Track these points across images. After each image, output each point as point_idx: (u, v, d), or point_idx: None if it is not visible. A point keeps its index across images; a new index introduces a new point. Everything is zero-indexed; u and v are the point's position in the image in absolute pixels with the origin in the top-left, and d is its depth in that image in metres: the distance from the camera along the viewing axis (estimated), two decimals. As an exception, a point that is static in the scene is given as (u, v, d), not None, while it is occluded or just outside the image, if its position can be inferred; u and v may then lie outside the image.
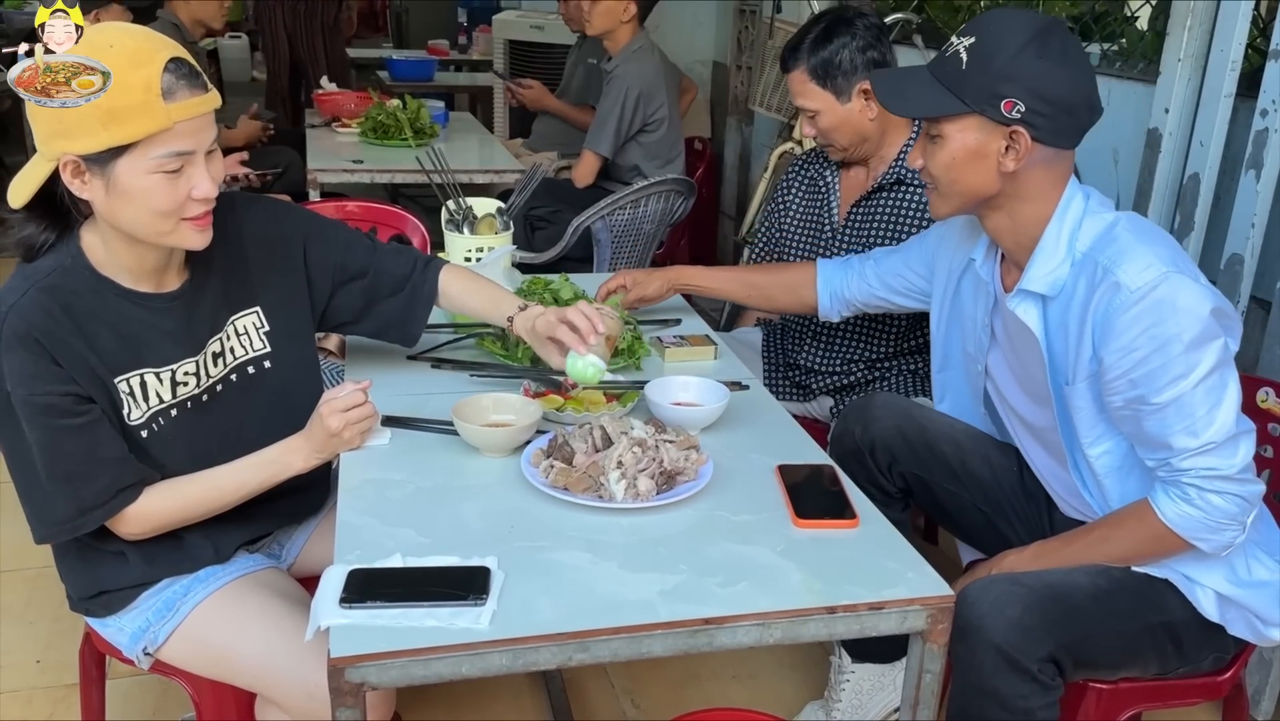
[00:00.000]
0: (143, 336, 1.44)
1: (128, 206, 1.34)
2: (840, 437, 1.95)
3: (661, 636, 1.19)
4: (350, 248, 1.70)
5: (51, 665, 2.28)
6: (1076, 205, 1.55)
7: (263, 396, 1.59)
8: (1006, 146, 1.50)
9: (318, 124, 4.31)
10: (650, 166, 3.74)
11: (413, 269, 1.75)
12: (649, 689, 2.29)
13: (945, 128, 1.52)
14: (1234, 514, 1.48)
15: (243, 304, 1.57)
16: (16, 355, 1.33)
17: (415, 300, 1.74)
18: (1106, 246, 1.50)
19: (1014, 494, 1.85)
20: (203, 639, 1.51)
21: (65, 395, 1.36)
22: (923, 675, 1.30)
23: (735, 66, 5.06)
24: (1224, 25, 2.27)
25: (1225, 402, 1.45)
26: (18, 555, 2.66)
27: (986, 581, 1.55)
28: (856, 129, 2.18)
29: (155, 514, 1.45)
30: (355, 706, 1.12)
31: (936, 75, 1.53)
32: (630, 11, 3.68)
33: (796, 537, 1.37)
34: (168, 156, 1.32)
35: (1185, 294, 1.43)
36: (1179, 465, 1.47)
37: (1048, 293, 1.56)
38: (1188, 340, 1.42)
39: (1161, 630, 1.56)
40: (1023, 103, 1.46)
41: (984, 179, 1.53)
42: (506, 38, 5.74)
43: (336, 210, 2.98)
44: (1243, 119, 2.29)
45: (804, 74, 2.16)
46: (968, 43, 1.49)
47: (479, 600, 1.19)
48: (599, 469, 1.44)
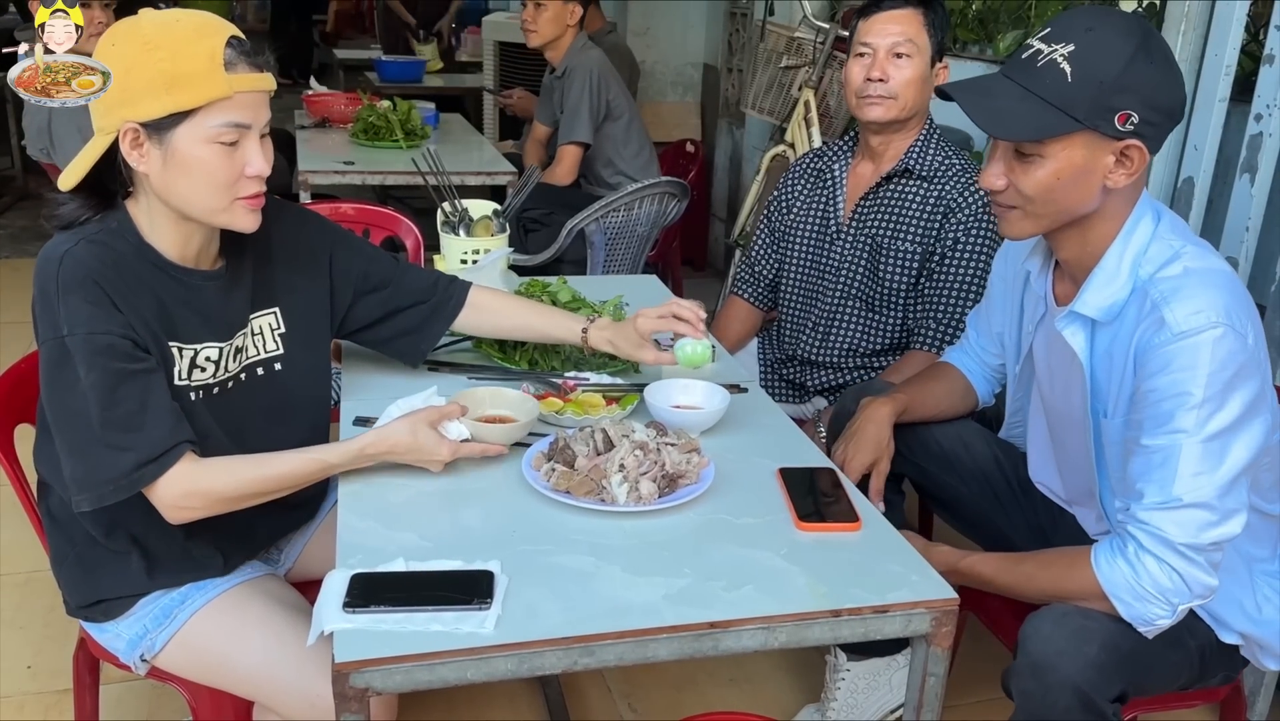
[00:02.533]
0: (175, 310, 1.43)
1: (184, 178, 1.35)
2: (836, 417, 1.95)
3: (667, 640, 1.18)
4: (375, 259, 1.72)
5: (43, 670, 2.26)
6: (1144, 228, 1.46)
7: (266, 398, 1.56)
8: (1115, 162, 1.39)
9: (307, 125, 4.29)
10: (624, 157, 3.79)
11: (435, 284, 1.76)
12: (646, 692, 2.29)
13: (1048, 147, 1.39)
14: (1165, 589, 1.37)
15: (263, 303, 1.56)
16: (74, 297, 1.32)
17: (435, 315, 1.75)
18: (1165, 280, 1.41)
19: (1012, 488, 1.85)
20: (201, 646, 1.50)
21: (124, 338, 1.34)
22: (926, 678, 1.30)
23: (726, 69, 5.07)
24: (1218, 29, 2.28)
25: (1216, 472, 1.35)
26: (8, 560, 2.63)
27: (1058, 615, 1.43)
28: (925, 96, 2.18)
29: (208, 488, 1.38)
30: (360, 712, 1.12)
31: (1032, 89, 1.38)
32: (576, 14, 3.78)
33: (800, 541, 1.37)
34: (226, 126, 1.34)
35: (1225, 347, 1.34)
36: (1135, 514, 1.40)
37: (1099, 318, 1.47)
38: (1205, 396, 1.34)
39: (1196, 652, 1.53)
40: (1137, 114, 1.35)
41: (1085, 197, 1.42)
42: (496, 39, 5.73)
43: (330, 211, 2.96)
44: (1237, 123, 2.30)
45: (921, 15, 2.13)
46: (1066, 50, 1.36)
47: (483, 604, 1.18)
48: (601, 472, 1.43)
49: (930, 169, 2.21)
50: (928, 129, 2.23)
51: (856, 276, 2.28)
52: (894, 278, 2.23)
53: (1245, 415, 1.36)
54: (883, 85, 2.15)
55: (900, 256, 2.22)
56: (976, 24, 3.79)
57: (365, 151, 3.85)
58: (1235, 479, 1.37)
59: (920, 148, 2.22)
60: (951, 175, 2.19)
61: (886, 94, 2.16)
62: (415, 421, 1.44)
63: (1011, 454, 1.88)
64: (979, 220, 2.16)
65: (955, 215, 2.17)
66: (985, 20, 3.75)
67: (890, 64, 2.14)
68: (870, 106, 2.18)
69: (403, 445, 1.43)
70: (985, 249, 2.16)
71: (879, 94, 2.16)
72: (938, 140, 2.24)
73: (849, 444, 1.77)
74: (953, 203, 2.17)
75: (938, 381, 1.91)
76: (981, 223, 2.16)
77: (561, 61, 3.80)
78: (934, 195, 2.19)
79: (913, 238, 2.20)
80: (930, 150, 2.22)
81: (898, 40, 2.13)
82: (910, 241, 2.21)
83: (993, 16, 3.72)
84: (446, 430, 1.46)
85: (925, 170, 2.21)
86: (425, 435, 1.44)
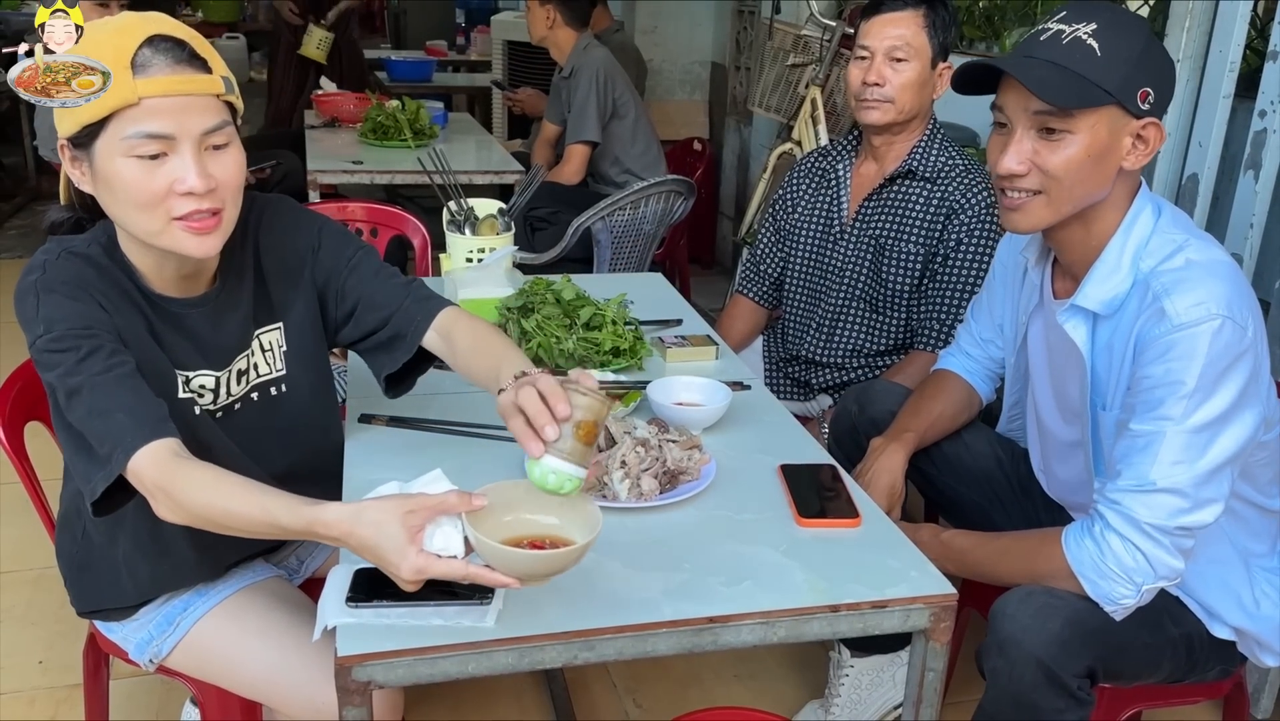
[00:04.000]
0: (164, 336, 1.35)
1: (110, 198, 1.25)
2: (839, 417, 1.96)
3: (666, 635, 1.19)
4: (354, 269, 1.51)
5: (54, 666, 2.28)
6: (1145, 221, 1.47)
7: (276, 420, 1.49)
8: (1133, 142, 1.41)
9: (317, 125, 4.31)
10: (631, 155, 3.79)
11: (401, 302, 1.49)
12: (651, 688, 2.30)
13: (1078, 122, 1.39)
14: (1129, 568, 1.39)
15: (268, 319, 1.47)
16: (56, 295, 1.25)
17: (394, 345, 1.49)
18: (1167, 273, 1.41)
19: (1013, 487, 1.86)
20: (205, 652, 1.49)
21: (108, 332, 1.25)
22: (925, 673, 1.30)
23: (734, 67, 5.07)
24: (1222, 26, 2.28)
25: (1196, 462, 1.36)
26: (20, 556, 2.66)
27: (1024, 594, 1.46)
28: (924, 100, 2.18)
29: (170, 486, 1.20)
30: (362, 705, 1.13)
31: (1060, 62, 1.39)
32: (552, 16, 3.80)
33: (799, 536, 1.38)
34: (139, 138, 1.20)
35: (1223, 339, 1.35)
36: (1106, 493, 1.41)
37: (1101, 311, 1.48)
38: (1197, 386, 1.35)
39: (1181, 641, 1.54)
40: (1154, 93, 1.39)
41: (1102, 181, 1.43)
42: (504, 39, 5.75)
43: (338, 211, 2.98)
44: (1241, 120, 2.30)
45: (921, 17, 2.12)
46: (1089, 28, 1.38)
47: (485, 599, 1.19)
48: (603, 468, 1.44)
49: (933, 170, 2.21)
50: (931, 129, 2.24)
51: (860, 277, 2.29)
52: (897, 279, 2.24)
53: (1234, 407, 1.37)
54: (879, 89, 2.15)
55: (903, 258, 2.22)
56: (984, 21, 3.79)
57: (374, 151, 3.87)
58: (1216, 470, 1.38)
59: (924, 149, 2.22)
60: (955, 176, 2.19)
61: (882, 98, 2.15)
62: (392, 513, 1.09)
63: (1012, 451, 1.89)
64: (982, 221, 2.16)
65: (958, 216, 2.17)
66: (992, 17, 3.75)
67: (887, 67, 2.14)
68: (867, 110, 2.18)
69: (358, 538, 1.11)
70: (988, 250, 2.16)
71: (875, 98, 2.16)
72: (941, 140, 2.24)
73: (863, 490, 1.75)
74: (956, 204, 2.17)
75: (940, 399, 1.89)
76: (984, 224, 2.16)
77: (568, 61, 3.82)
78: (937, 196, 2.19)
79: (916, 239, 2.21)
80: (934, 151, 2.22)
81: (895, 44, 2.13)
82: (913, 243, 2.21)
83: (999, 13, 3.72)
84: (430, 537, 1.10)
85: (929, 171, 2.21)
86: (391, 535, 1.08)
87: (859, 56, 2.19)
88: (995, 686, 1.47)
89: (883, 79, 2.14)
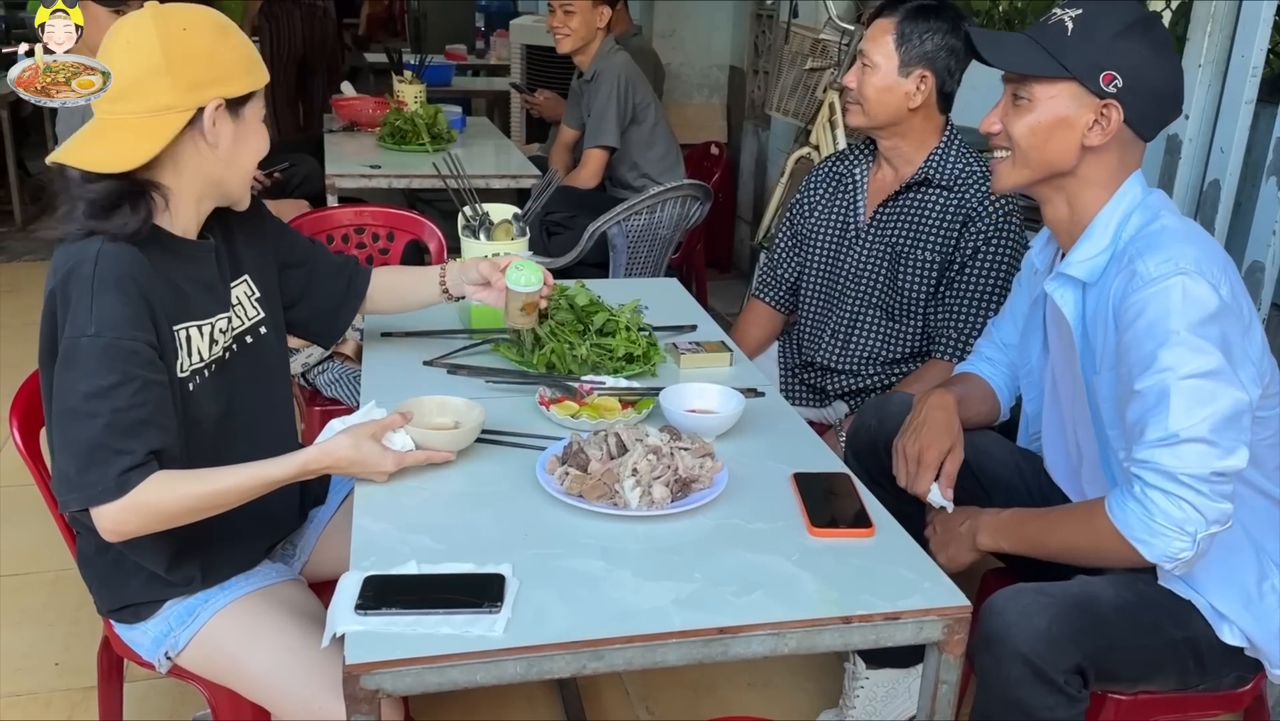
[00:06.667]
0: (186, 288, 1.47)
1: (247, 150, 1.48)
2: (856, 432, 1.94)
3: (675, 645, 1.19)
4: (293, 234, 1.79)
5: (70, 667, 2.30)
6: (1130, 198, 1.55)
7: (254, 367, 1.61)
8: (1094, 121, 1.51)
9: (335, 129, 4.33)
10: (648, 160, 3.77)
11: (345, 263, 1.84)
12: (664, 695, 2.29)
13: (1036, 91, 1.53)
14: (1178, 520, 1.41)
15: (235, 273, 1.60)
16: (109, 296, 1.33)
17: (350, 292, 1.83)
18: (1141, 239, 1.50)
19: (1033, 496, 1.84)
20: (217, 648, 1.51)
21: (149, 346, 1.36)
22: (939, 685, 1.29)
23: (752, 71, 5.06)
24: (1244, 30, 2.26)
25: (1208, 407, 1.40)
26: (37, 558, 2.67)
27: (1013, 591, 1.51)
28: (895, 106, 2.18)
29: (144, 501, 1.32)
30: (371, 713, 1.13)
31: (1036, 39, 1.53)
32: (605, 16, 3.77)
33: (812, 546, 1.37)
34: (260, 109, 1.50)
35: (1194, 293, 1.41)
36: (1136, 455, 1.44)
37: (1086, 279, 1.56)
38: (1183, 335, 1.40)
39: (1185, 645, 1.54)
40: (1121, 79, 1.48)
41: (1065, 151, 1.54)
42: (524, 43, 5.76)
43: (355, 215, 2.99)
44: (1264, 125, 2.28)
45: (891, 26, 2.17)
46: (1074, 13, 1.51)
47: (494, 607, 1.19)
48: (614, 476, 1.44)
49: (950, 177, 2.19)
50: (948, 136, 2.22)
51: (876, 284, 2.27)
52: (913, 286, 2.22)
53: (1227, 362, 1.41)
54: (850, 93, 2.24)
55: (920, 265, 2.21)
56: (1004, 25, 3.77)
57: (392, 155, 3.88)
58: (1231, 417, 1.41)
59: (940, 156, 2.21)
60: (972, 183, 2.18)
61: (853, 100, 2.23)
62: (358, 435, 1.45)
63: (1032, 461, 1.87)
64: (999, 229, 2.15)
65: (975, 224, 2.15)
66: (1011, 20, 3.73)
67: (860, 72, 2.21)
68: (847, 113, 2.28)
69: (345, 459, 1.44)
70: (1005, 258, 2.14)
71: (849, 100, 2.25)
72: (959, 147, 2.22)
73: (919, 433, 1.72)
74: (972, 211, 2.16)
75: (967, 385, 1.91)
76: (1002, 232, 2.15)
77: (590, 65, 3.80)
78: (954, 204, 2.18)
79: (932, 246, 2.19)
80: (950, 158, 2.21)
81: (864, 49, 2.20)
82: (930, 250, 2.20)
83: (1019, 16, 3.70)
84: (390, 441, 1.47)
85: (946, 179, 2.19)
86: (368, 448, 1.45)
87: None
88: (983, 684, 1.51)
89: (852, 82, 2.22)
